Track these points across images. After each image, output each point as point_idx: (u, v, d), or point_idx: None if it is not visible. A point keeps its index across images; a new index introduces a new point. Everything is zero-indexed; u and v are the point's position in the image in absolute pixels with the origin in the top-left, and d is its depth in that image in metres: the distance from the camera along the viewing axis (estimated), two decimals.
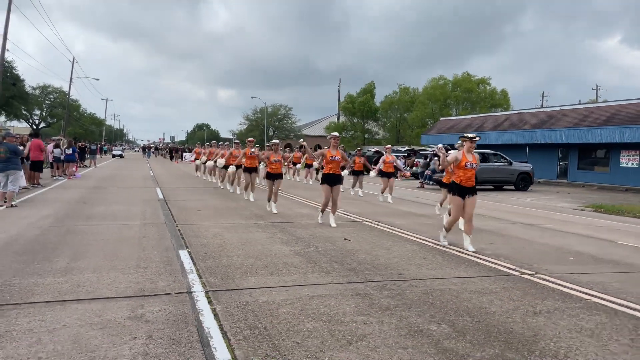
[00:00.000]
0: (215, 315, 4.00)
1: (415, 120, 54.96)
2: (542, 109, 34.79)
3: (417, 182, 24.27)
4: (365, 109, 58.98)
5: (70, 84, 50.65)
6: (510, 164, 22.93)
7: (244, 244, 7.05)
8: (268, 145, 11.72)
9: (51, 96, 70.54)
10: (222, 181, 17.09)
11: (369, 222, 9.77)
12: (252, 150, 12.98)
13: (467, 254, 6.80)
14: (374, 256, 6.52)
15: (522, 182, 22.91)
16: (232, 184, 15.63)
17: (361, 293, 4.77)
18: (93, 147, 32.47)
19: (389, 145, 15.55)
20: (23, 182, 11.31)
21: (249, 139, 13.54)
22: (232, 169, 14.62)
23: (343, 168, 13.06)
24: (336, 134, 9.13)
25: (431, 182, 23.29)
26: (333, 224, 8.86)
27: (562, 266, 6.26)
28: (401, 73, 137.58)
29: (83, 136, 70.28)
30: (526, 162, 25.30)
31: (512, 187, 22.78)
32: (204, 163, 20.71)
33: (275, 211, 10.52)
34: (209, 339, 3.52)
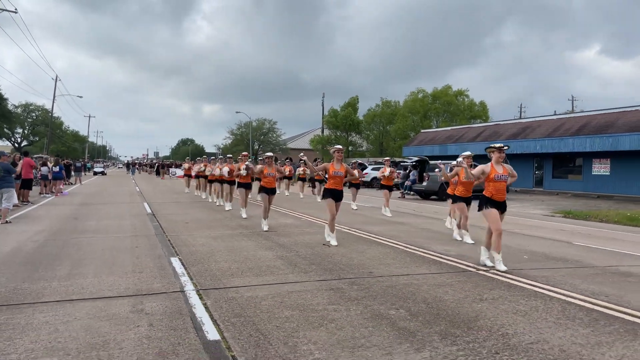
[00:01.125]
0: (206, 308, 4.64)
1: (397, 133, 56.10)
2: (517, 120, 36.03)
3: (398, 193, 25.05)
4: (348, 122, 60.01)
5: (53, 102, 50.92)
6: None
7: (230, 251, 7.69)
8: (261, 159, 11.73)
9: (33, 114, 70.51)
10: (217, 196, 16.56)
11: (347, 229, 10.45)
12: (246, 164, 12.65)
13: (434, 254, 7.53)
14: (348, 258, 7.20)
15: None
16: (223, 199, 15.38)
17: (334, 288, 5.45)
18: (78, 164, 32.72)
19: (388, 158, 15.53)
20: (15, 199, 11.78)
21: (243, 152, 13.43)
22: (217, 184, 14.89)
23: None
24: (340, 146, 8.63)
25: (411, 192, 24.18)
26: (334, 243, 8.39)
27: (516, 263, 7.01)
28: (386, 85, 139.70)
29: (66, 153, 70.03)
30: None
31: None
32: (207, 177, 18.45)
33: (266, 228, 10.06)
34: (202, 325, 4.16)
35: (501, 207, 6.63)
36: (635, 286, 5.81)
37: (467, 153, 8.97)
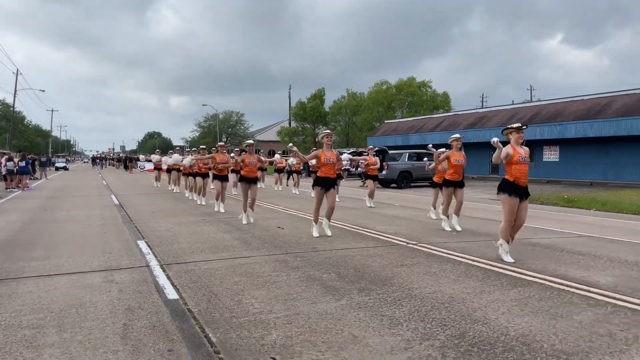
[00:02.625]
0: (168, 277, 5.47)
1: (363, 124, 57.25)
2: (475, 110, 37.57)
3: (359, 182, 26.12)
4: (315, 114, 60.81)
5: (14, 97, 49.93)
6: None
7: (192, 234, 8.49)
8: (237, 150, 11.55)
9: None
10: (190, 190, 15.88)
11: (303, 215, 11.36)
12: (233, 155, 12.37)
13: (374, 232, 8.51)
14: (298, 237, 8.11)
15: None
16: (198, 194, 14.56)
17: (280, 260, 6.35)
18: (43, 159, 32.62)
19: (372, 147, 14.80)
20: None
21: (219, 143, 12.85)
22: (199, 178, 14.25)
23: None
24: (328, 131, 8.11)
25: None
26: (328, 232, 8.22)
27: (443, 238, 8.05)
28: (355, 75, 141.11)
29: (29, 149, 68.62)
30: None
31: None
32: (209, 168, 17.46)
33: (252, 220, 9.79)
34: (163, 289, 4.99)
35: (525, 193, 6.14)
36: (536, 253, 6.90)
37: (457, 135, 9.19)
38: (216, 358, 3.29)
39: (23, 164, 20.14)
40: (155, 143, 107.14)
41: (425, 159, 12.40)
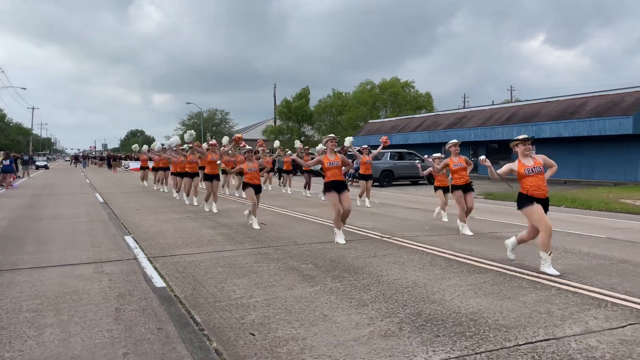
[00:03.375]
0: (155, 268, 5.86)
1: (348, 123, 57.79)
2: (455, 111, 38.35)
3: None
4: (301, 113, 61.21)
5: None
6: (423, 161, 25.80)
7: (177, 230, 8.87)
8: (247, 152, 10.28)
9: None
10: (178, 191, 15.33)
11: (286, 212, 11.78)
12: (234, 154, 11.97)
13: (352, 228, 8.96)
14: (279, 233, 8.53)
15: (434, 177, 25.80)
16: (187, 194, 13.87)
17: (262, 253, 6.77)
18: (26, 157, 32.52)
19: (366, 146, 13.89)
20: None
21: (212, 142, 12.48)
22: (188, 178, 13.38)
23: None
24: (332, 135, 8.03)
25: (356, 180, 25.83)
26: (342, 241, 7.51)
27: (415, 233, 8.55)
28: (340, 74, 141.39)
29: (9, 147, 67.84)
30: None
31: (426, 182, 25.63)
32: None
33: (257, 226, 9.08)
34: (151, 278, 5.38)
35: (545, 204, 5.62)
36: (499, 246, 7.40)
37: (454, 141, 9.08)
38: (201, 334, 3.71)
39: (7, 162, 20.22)
40: (138, 141, 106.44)
41: (417, 160, 11.97)
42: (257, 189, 9.40)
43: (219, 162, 11.96)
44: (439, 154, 10.21)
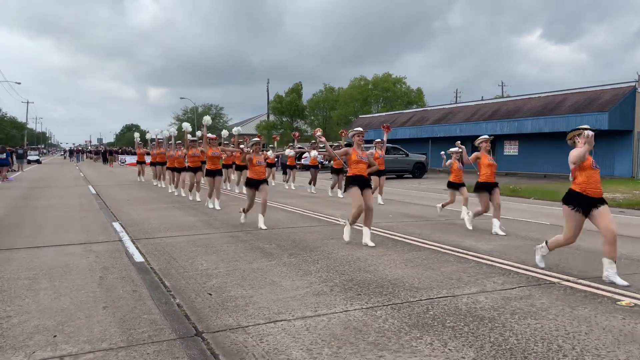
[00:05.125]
0: (137, 247, 6.67)
1: (339, 118, 58.52)
2: (442, 106, 39.19)
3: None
4: (293, 108, 61.91)
5: None
6: (407, 155, 26.72)
7: (161, 218, 9.68)
8: (245, 143, 9.90)
9: None
10: (176, 187, 14.77)
11: (269, 203, 12.57)
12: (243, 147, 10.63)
13: (323, 216, 9.78)
14: (255, 220, 9.34)
15: (418, 171, 26.76)
16: (190, 190, 13.29)
17: (233, 236, 7.60)
18: (20, 151, 33.18)
19: (378, 140, 12.79)
20: None
21: (211, 136, 11.77)
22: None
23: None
24: (360, 129, 7.46)
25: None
26: (371, 243, 6.87)
27: (377, 220, 9.36)
28: (336, 69, 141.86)
29: (4, 141, 68.30)
30: (423, 154, 29.24)
31: (410, 176, 26.51)
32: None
33: (264, 227, 8.35)
34: (132, 255, 6.19)
35: (600, 201, 4.94)
36: (447, 229, 8.27)
37: (485, 136, 8.50)
38: (168, 295, 4.53)
39: (3, 156, 20.93)
40: (133, 136, 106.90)
41: (442, 152, 10.77)
42: (261, 183, 8.65)
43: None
44: (456, 148, 9.69)
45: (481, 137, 8.45)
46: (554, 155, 27.63)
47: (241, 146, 11.19)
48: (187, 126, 13.32)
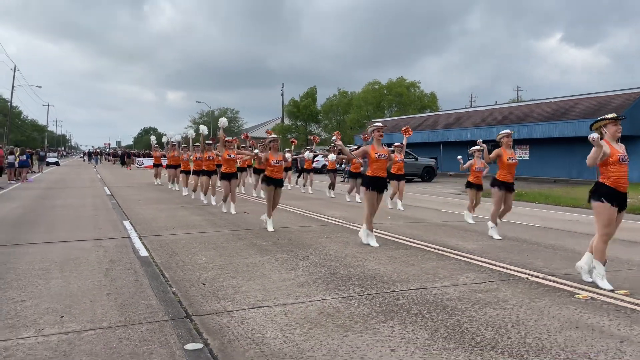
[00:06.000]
0: (143, 244, 7.16)
1: (353, 122, 58.95)
2: (454, 111, 39.33)
3: (340, 177, 27.78)
4: (307, 112, 62.61)
5: (12, 93, 51.43)
6: (416, 159, 27.02)
7: (169, 217, 10.19)
8: (261, 144, 9.97)
9: None
10: (194, 190, 14.72)
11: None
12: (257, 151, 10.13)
13: (323, 216, 10.20)
14: (259, 221, 9.80)
15: (427, 175, 27.04)
16: (205, 194, 13.26)
17: (235, 234, 8.05)
18: (41, 153, 34.24)
19: (398, 143, 12.23)
20: None
21: (228, 138, 11.43)
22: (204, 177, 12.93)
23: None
24: (380, 124, 7.25)
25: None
26: (374, 243, 6.99)
27: (379, 221, 9.69)
28: (353, 72, 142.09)
29: (25, 143, 70.02)
30: (433, 158, 29.49)
31: (419, 179, 26.78)
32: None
33: (271, 229, 8.31)
34: (138, 250, 6.68)
35: (622, 202, 4.81)
36: (439, 230, 8.62)
37: (507, 131, 8.20)
38: (165, 284, 4.98)
39: (24, 157, 21.77)
40: (150, 139, 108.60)
41: (459, 157, 10.56)
42: (279, 183, 8.59)
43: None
44: (477, 147, 9.63)
45: (502, 132, 8.16)
46: (566, 160, 27.64)
47: (255, 151, 11.04)
48: (204, 129, 13.75)
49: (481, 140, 9.68)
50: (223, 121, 11.80)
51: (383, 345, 3.39)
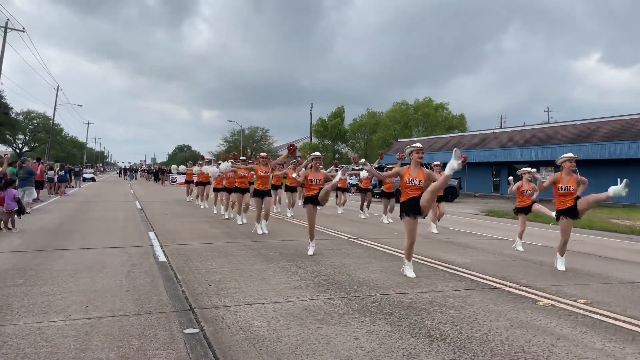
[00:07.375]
0: (163, 251, 7.94)
1: (379, 141, 59.54)
2: (478, 132, 39.52)
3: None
4: (335, 131, 63.66)
5: (54, 111, 54.12)
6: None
7: (191, 229, 11.00)
8: (293, 163, 9.24)
9: (35, 121, 73.98)
10: (225, 208, 14.32)
11: (291, 220, 13.74)
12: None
13: (332, 231, 10.81)
14: (272, 233, 10.49)
15: (449, 195, 27.30)
16: (239, 213, 12.63)
17: (246, 245, 8.76)
18: (77, 169, 36.07)
19: (438, 162, 11.55)
20: (34, 194, 15.04)
21: (262, 154, 10.96)
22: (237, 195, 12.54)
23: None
24: (419, 145, 6.50)
25: (375, 195, 27.53)
26: (411, 274, 6.30)
27: (380, 236, 10.32)
28: (385, 91, 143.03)
29: (65, 159, 73.23)
30: (457, 178, 29.74)
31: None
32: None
33: (311, 252, 7.88)
34: (158, 256, 7.45)
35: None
36: (438, 245, 9.11)
37: (570, 155, 7.33)
38: (177, 284, 5.70)
39: (62, 173, 23.21)
40: (184, 156, 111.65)
41: (511, 177, 10.11)
42: (316, 202, 7.91)
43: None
44: (528, 168, 9.14)
45: (564, 156, 7.29)
46: (590, 183, 27.45)
47: (287, 169, 10.82)
48: (183, 169, 13.32)
49: (534, 170, 9.05)
50: (223, 166, 12.21)
51: (350, 334, 3.99)
